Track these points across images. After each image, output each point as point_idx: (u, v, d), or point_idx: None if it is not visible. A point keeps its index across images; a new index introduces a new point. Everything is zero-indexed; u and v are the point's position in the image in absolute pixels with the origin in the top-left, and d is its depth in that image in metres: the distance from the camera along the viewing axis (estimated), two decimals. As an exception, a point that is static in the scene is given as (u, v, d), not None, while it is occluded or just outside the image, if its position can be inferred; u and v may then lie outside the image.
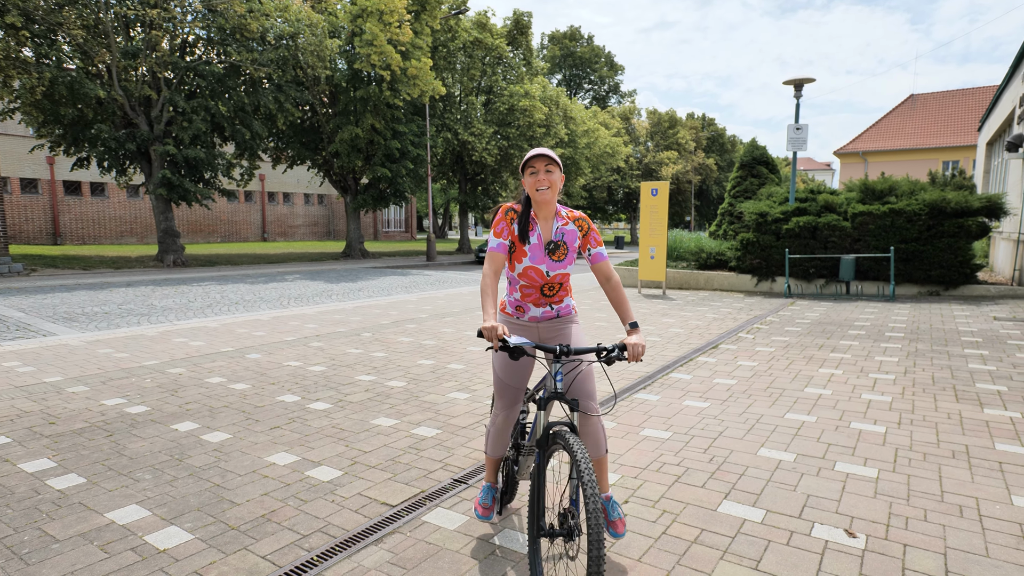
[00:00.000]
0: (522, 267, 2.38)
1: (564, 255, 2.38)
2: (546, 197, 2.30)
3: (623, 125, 46.11)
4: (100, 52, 15.47)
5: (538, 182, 2.29)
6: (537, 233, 2.38)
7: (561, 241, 2.39)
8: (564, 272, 2.42)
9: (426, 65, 20.07)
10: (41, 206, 25.93)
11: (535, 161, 2.29)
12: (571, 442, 2.01)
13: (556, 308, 2.49)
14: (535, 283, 2.40)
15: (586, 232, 2.42)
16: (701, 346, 6.69)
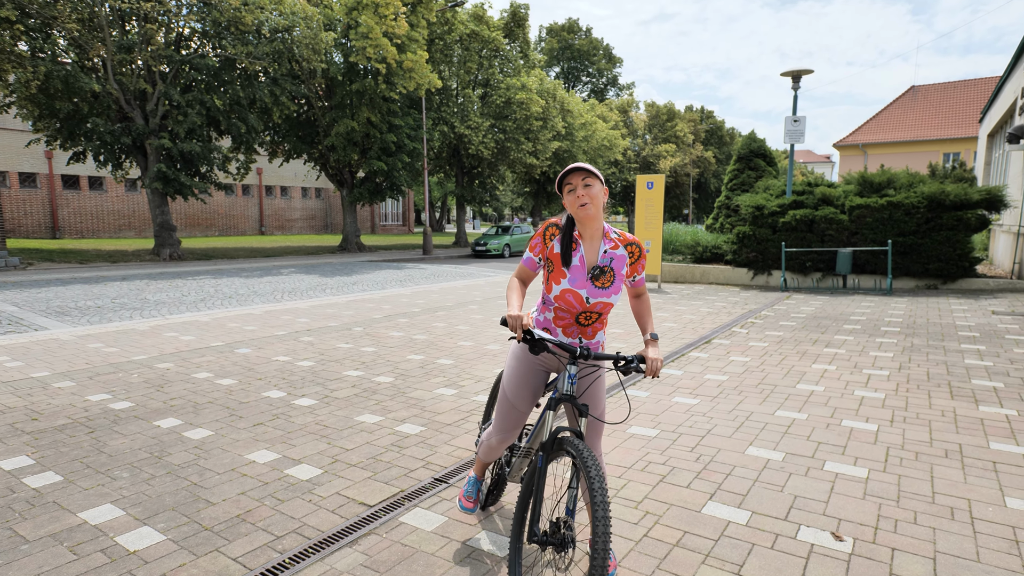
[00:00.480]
0: (560, 289, 2.16)
1: (610, 282, 2.16)
2: (589, 213, 2.11)
3: (621, 118, 45.89)
4: (95, 46, 15.32)
5: (578, 198, 2.11)
6: (580, 254, 2.18)
7: (608, 267, 2.17)
8: (607, 302, 2.17)
9: (422, 58, 19.90)
10: (40, 200, 25.82)
11: (571, 177, 2.12)
12: (582, 451, 1.96)
13: (586, 343, 2.26)
14: (572, 309, 2.18)
15: (636, 259, 2.22)
16: (693, 341, 6.62)
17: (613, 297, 2.18)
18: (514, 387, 2.31)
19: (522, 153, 26.30)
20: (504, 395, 2.34)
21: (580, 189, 2.12)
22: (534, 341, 2.07)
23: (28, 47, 15.14)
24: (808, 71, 12.31)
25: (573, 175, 2.13)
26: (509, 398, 2.32)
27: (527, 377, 2.31)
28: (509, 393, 2.32)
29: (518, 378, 2.31)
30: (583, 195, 2.12)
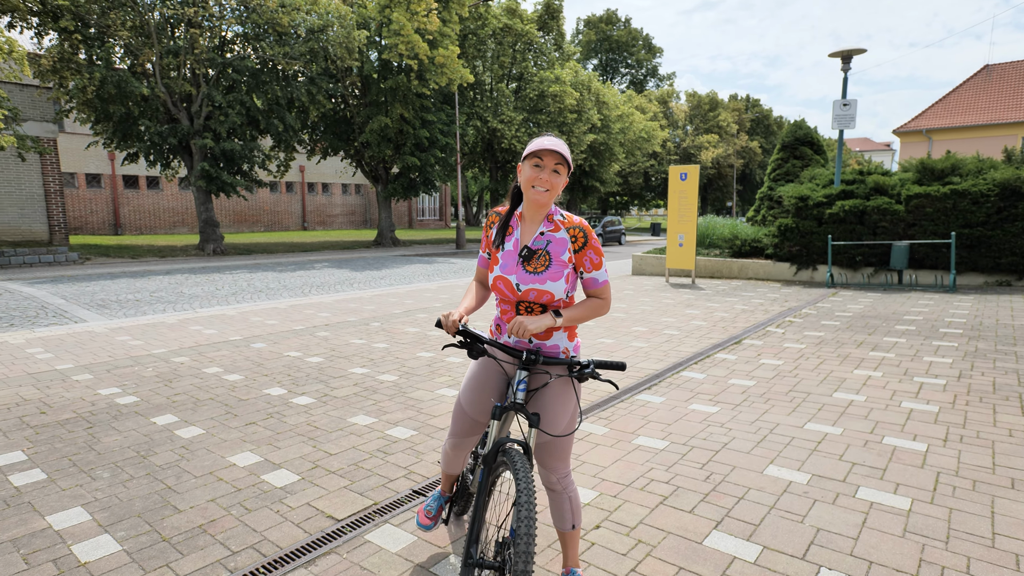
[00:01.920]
0: (492, 277, 1.97)
1: (543, 267, 1.88)
2: (542, 200, 1.88)
3: (661, 109, 44.70)
4: (145, 52, 15.83)
5: (539, 180, 1.86)
6: (515, 237, 1.96)
7: (542, 250, 1.90)
8: (542, 289, 1.88)
9: (454, 53, 19.74)
10: (104, 199, 27.14)
11: (545, 154, 1.84)
12: (517, 463, 1.77)
13: (539, 343, 1.98)
14: (508, 299, 1.97)
15: (582, 246, 1.90)
16: (722, 341, 6.17)
17: (551, 285, 1.88)
18: (467, 390, 2.08)
19: (556, 146, 25.83)
20: (458, 397, 2.11)
21: (547, 173, 1.86)
22: (470, 343, 1.84)
23: (85, 55, 15.79)
24: (860, 50, 11.47)
25: (547, 154, 1.84)
26: (461, 401, 2.09)
27: (482, 380, 2.06)
28: (462, 396, 2.10)
29: (472, 380, 2.08)
30: (546, 180, 1.87)
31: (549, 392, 1.97)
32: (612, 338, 6.42)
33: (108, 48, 15.44)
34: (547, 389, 1.97)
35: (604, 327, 7.03)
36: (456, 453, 2.16)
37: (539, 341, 1.98)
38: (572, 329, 2.02)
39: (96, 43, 15.48)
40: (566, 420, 1.97)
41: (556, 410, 1.96)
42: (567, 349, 2.01)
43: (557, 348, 2.00)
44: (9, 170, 16.25)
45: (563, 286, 1.89)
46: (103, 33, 15.57)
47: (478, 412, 2.06)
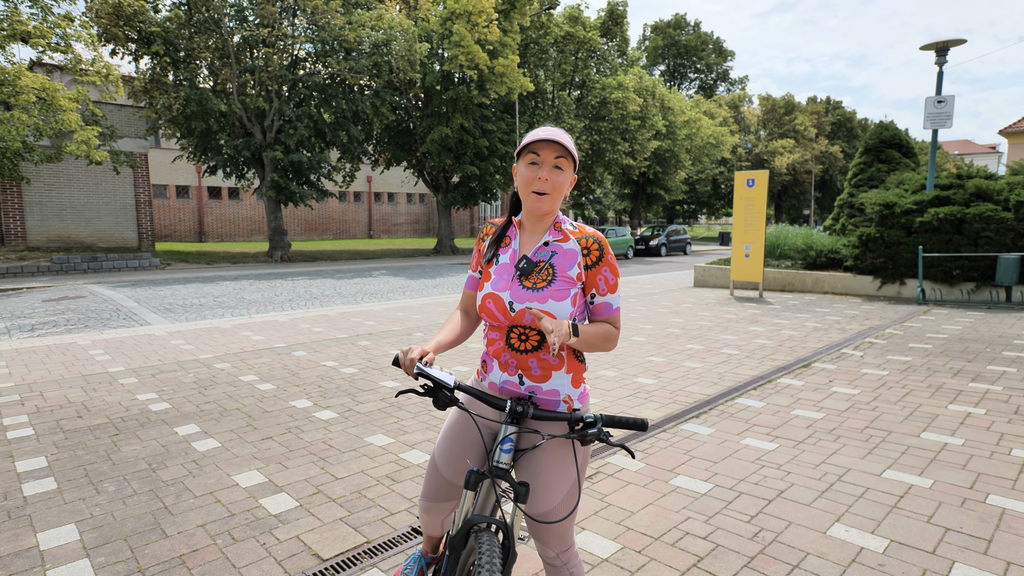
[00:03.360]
0: (482, 295, 1.59)
1: (545, 282, 1.51)
2: (543, 208, 1.52)
3: (731, 114, 42.87)
4: (224, 72, 16.81)
5: (538, 181, 1.50)
6: (512, 248, 1.60)
7: (545, 262, 1.54)
8: (543, 311, 1.50)
9: (513, 63, 19.68)
10: (191, 209, 29.18)
11: (541, 148, 1.49)
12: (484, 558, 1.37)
13: (530, 384, 1.55)
14: (498, 324, 1.57)
15: (596, 261, 1.53)
16: (788, 364, 5.53)
17: (553, 306, 1.49)
18: (442, 443, 1.70)
19: (618, 154, 25.22)
20: (433, 451, 1.73)
21: (546, 170, 1.51)
22: (432, 388, 1.46)
23: (173, 76, 16.98)
24: (958, 41, 10.30)
25: (543, 147, 1.49)
26: (436, 457, 1.70)
27: (458, 433, 1.67)
28: (436, 450, 1.71)
29: (448, 431, 1.69)
30: (546, 179, 1.51)
31: (542, 456, 1.55)
32: (662, 356, 5.91)
33: (192, 69, 16.46)
34: (540, 452, 1.56)
35: (655, 344, 6.52)
36: (431, 518, 1.73)
37: (533, 383, 1.56)
38: (578, 371, 1.61)
39: (183, 65, 16.57)
40: (561, 495, 1.55)
41: (549, 482, 1.54)
42: (569, 399, 1.58)
43: (556, 395, 1.57)
44: (106, 183, 17.63)
45: (568, 308, 1.50)
46: (189, 56, 16.65)
47: (454, 473, 1.65)
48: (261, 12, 16.50)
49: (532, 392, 1.56)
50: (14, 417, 4.17)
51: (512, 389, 1.58)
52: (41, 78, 12.52)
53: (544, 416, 1.47)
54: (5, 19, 12.48)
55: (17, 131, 12.08)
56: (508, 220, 1.68)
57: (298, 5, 17.02)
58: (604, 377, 5.18)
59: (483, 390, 1.66)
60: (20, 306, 9.77)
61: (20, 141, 12.29)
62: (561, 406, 1.58)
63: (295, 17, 17.76)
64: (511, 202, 1.70)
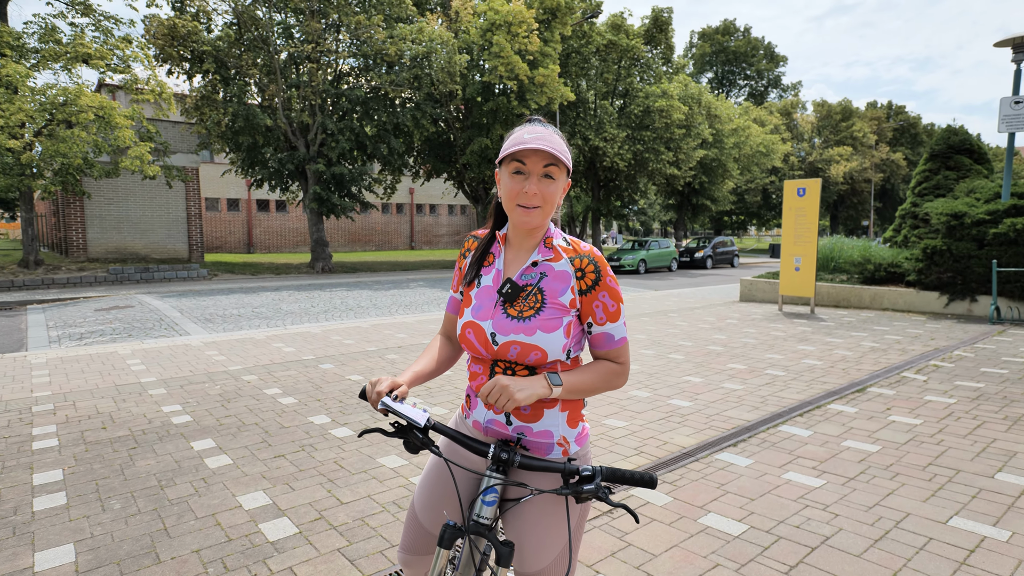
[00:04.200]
0: (462, 323, 1.38)
1: (532, 310, 1.30)
2: (531, 222, 1.31)
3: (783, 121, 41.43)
4: (271, 88, 17.43)
5: (524, 195, 1.28)
6: (496, 268, 1.39)
7: (533, 286, 1.33)
8: (531, 345, 1.28)
9: (554, 72, 19.58)
10: (240, 221, 30.40)
11: (527, 156, 1.27)
12: None
13: (518, 424, 1.35)
14: (480, 357, 1.37)
15: (591, 286, 1.31)
16: (839, 387, 5.08)
17: (542, 338, 1.27)
18: (421, 490, 1.48)
19: (662, 164, 24.66)
20: (412, 498, 1.53)
21: (533, 181, 1.28)
22: (401, 428, 1.26)
23: (222, 93, 17.72)
24: (1031, 38, 9.49)
25: (529, 155, 1.27)
26: (415, 503, 1.48)
27: (437, 479, 1.46)
28: (416, 496, 1.49)
29: (428, 475, 1.48)
30: (534, 193, 1.28)
31: (529, 512, 1.34)
32: (700, 376, 5.55)
33: (241, 86, 17.12)
34: (527, 507, 1.34)
35: (694, 362, 6.16)
36: (412, 573, 1.51)
37: (521, 423, 1.34)
38: (576, 407, 1.38)
39: (232, 82, 17.27)
40: (550, 558, 1.33)
41: (537, 542, 1.33)
42: (565, 440, 1.36)
43: (549, 437, 1.35)
44: (160, 196, 18.50)
45: (560, 340, 1.29)
46: (238, 73, 17.34)
47: (435, 523, 1.44)
48: (306, 29, 17.02)
49: (521, 434, 1.34)
50: (44, 427, 4.23)
51: (498, 429, 1.36)
52: (99, 97, 13.26)
53: (533, 465, 1.25)
54: (71, 43, 13.30)
55: (78, 148, 12.80)
56: (491, 234, 1.45)
57: (342, 21, 17.47)
58: (635, 398, 4.88)
59: (465, 430, 1.45)
60: (74, 315, 10.23)
61: (81, 158, 13.01)
62: (555, 450, 1.36)
63: (339, 33, 18.24)
64: (495, 211, 1.46)
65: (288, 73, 17.88)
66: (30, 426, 4.25)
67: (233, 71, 17.32)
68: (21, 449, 3.79)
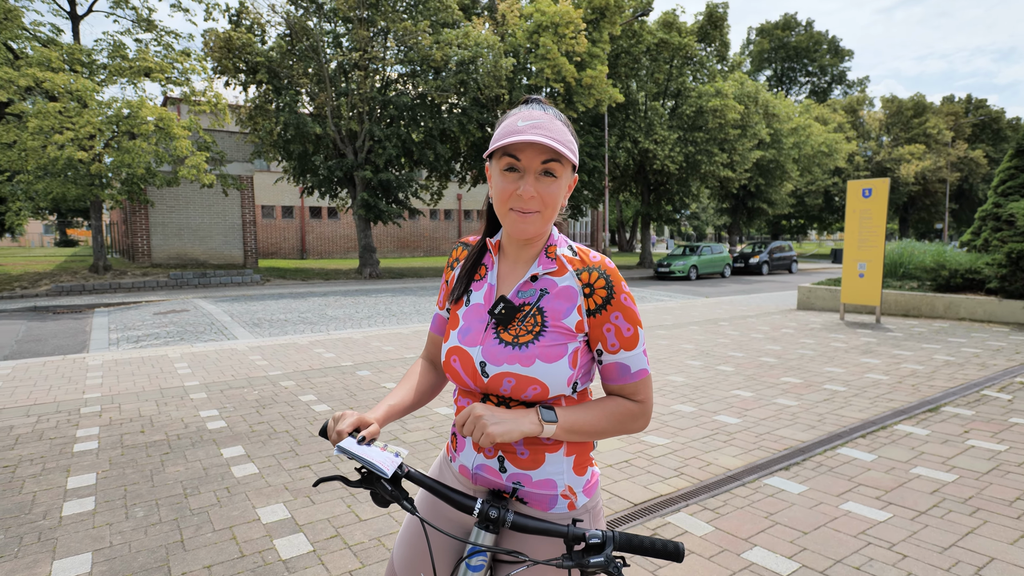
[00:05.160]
0: (447, 348, 1.17)
1: (531, 336, 1.08)
2: (529, 230, 1.09)
3: (848, 119, 39.34)
4: (320, 96, 17.96)
5: (518, 198, 1.07)
6: (488, 283, 1.18)
7: (531, 305, 1.11)
8: (528, 377, 1.07)
9: (602, 74, 19.25)
10: (294, 228, 31.51)
11: (522, 150, 1.05)
12: None
13: (514, 471, 1.13)
14: (467, 389, 1.16)
15: (602, 304, 1.09)
16: (909, 406, 4.59)
17: (541, 369, 1.06)
18: (400, 546, 1.27)
19: (715, 166, 23.82)
20: (391, 553, 1.31)
21: (530, 181, 1.06)
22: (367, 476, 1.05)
23: (274, 103, 18.39)
24: None
25: (524, 149, 1.05)
26: (394, 559, 1.28)
27: (417, 535, 1.24)
28: (395, 552, 1.29)
29: (405, 531, 1.28)
30: (531, 196, 1.06)
31: None
32: (751, 390, 5.17)
33: (292, 95, 17.69)
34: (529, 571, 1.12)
35: (744, 375, 5.76)
36: None
37: (518, 470, 1.12)
38: (584, 450, 1.15)
39: (285, 92, 17.88)
40: None
41: None
42: (570, 492, 1.13)
43: (552, 488, 1.12)
44: (217, 204, 19.35)
45: (564, 372, 1.08)
46: (290, 83, 17.93)
47: (406, 568, 1.25)
48: (355, 36, 17.40)
49: (517, 483, 1.12)
50: (87, 429, 4.35)
51: (489, 477, 1.14)
52: (159, 109, 13.98)
53: (530, 527, 1.01)
54: (136, 58, 14.09)
55: (141, 158, 13.52)
56: (483, 242, 1.23)
57: (389, 28, 17.77)
58: (678, 413, 4.57)
59: (449, 477, 1.22)
60: (134, 318, 10.74)
61: (144, 167, 13.74)
62: (559, 503, 1.12)
63: (386, 40, 18.57)
64: (486, 214, 1.23)
65: (337, 81, 18.33)
66: (76, 427, 4.38)
67: (285, 81, 17.92)
68: (63, 451, 3.89)
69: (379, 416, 1.13)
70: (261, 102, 17.79)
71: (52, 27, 15.83)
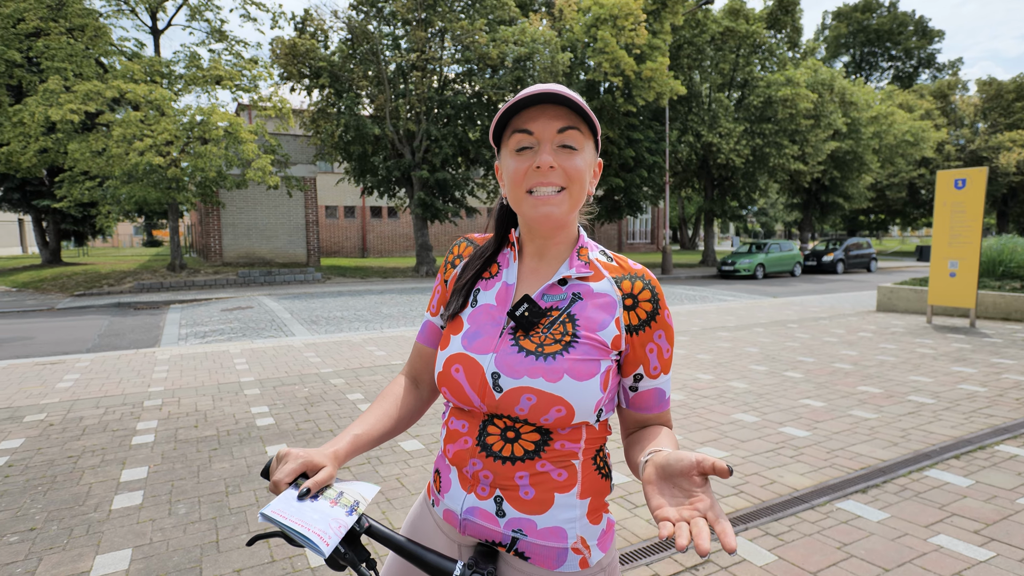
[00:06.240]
0: (445, 357, 0.97)
1: (560, 346, 0.90)
2: (555, 212, 0.91)
3: (937, 105, 36.31)
4: (379, 98, 18.35)
5: (536, 172, 0.90)
6: (503, 281, 0.99)
7: (561, 311, 0.93)
8: (553, 396, 0.88)
9: (662, 65, 18.60)
10: (356, 227, 32.54)
11: (533, 117, 0.90)
12: None
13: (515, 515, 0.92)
14: (471, 409, 0.95)
15: (645, 321, 0.93)
16: (1013, 423, 4.03)
17: (569, 387, 0.87)
18: None
19: (785, 159, 22.52)
20: None
21: (547, 151, 0.89)
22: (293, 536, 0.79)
23: (336, 106, 18.95)
24: None
25: (536, 115, 0.89)
26: None
27: None
28: None
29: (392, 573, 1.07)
30: (549, 166, 0.88)
31: None
32: (822, 399, 4.72)
33: (352, 98, 18.14)
34: None
35: (814, 382, 5.29)
36: None
37: (520, 514, 0.91)
38: (599, 492, 0.96)
39: (346, 95, 18.39)
40: None
41: None
42: (583, 545, 0.93)
43: (561, 539, 0.91)
44: (282, 205, 20.16)
45: (595, 393, 0.89)
46: (351, 85, 18.40)
47: None
48: (413, 38, 17.62)
49: (517, 532, 0.91)
50: (147, 422, 4.50)
51: (482, 524, 0.93)
52: (228, 114, 14.68)
53: None
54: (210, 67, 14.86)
55: (213, 162, 14.25)
56: (497, 242, 1.05)
57: (447, 28, 17.88)
58: (739, 423, 4.22)
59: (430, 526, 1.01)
60: (203, 315, 11.29)
61: (215, 171, 14.48)
62: (568, 558, 0.91)
63: (443, 40, 18.71)
64: (497, 217, 1.05)
65: (396, 83, 18.65)
66: (137, 420, 4.54)
67: (346, 84, 18.40)
68: (122, 443, 4.03)
69: (339, 451, 0.92)
70: (323, 105, 18.36)
71: (136, 42, 16.99)
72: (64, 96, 13.57)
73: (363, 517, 0.85)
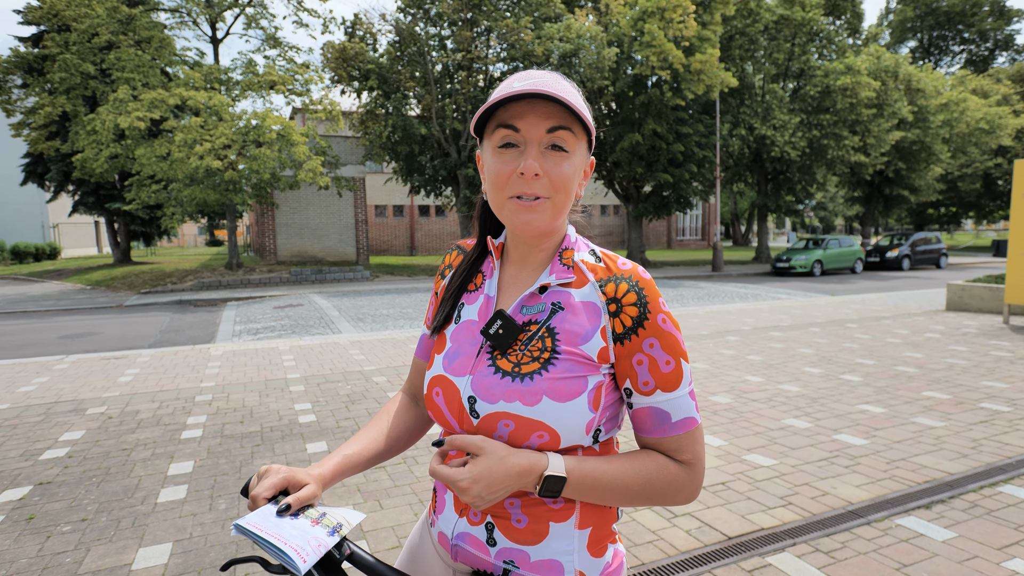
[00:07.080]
0: (429, 378, 0.91)
1: (538, 364, 0.82)
2: (535, 222, 0.83)
3: (1016, 89, 33.71)
4: (426, 98, 18.60)
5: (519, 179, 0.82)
6: (484, 293, 0.93)
7: (539, 324, 0.85)
8: (531, 420, 0.80)
9: (712, 57, 18.02)
10: (404, 226, 33.20)
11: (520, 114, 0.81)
12: None
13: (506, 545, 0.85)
14: (454, 432, 0.88)
15: (631, 328, 0.82)
16: (1104, 438, 3.65)
17: (549, 408, 0.79)
18: None
19: (844, 150, 21.40)
20: None
21: (533, 154, 0.81)
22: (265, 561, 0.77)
23: (383, 107, 19.32)
24: None
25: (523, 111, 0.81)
26: None
27: None
28: None
29: None
30: (534, 173, 0.80)
31: None
32: (882, 405, 4.42)
33: (399, 99, 18.46)
34: None
35: (874, 386, 4.96)
36: None
37: (512, 544, 0.85)
38: (604, 521, 0.88)
39: (393, 96, 18.72)
40: None
41: None
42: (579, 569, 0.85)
43: (555, 573, 0.85)
44: (333, 205, 20.73)
45: (583, 414, 0.81)
46: (398, 87, 18.73)
47: None
48: (459, 38, 17.75)
49: (509, 563, 0.85)
50: (197, 417, 4.68)
51: (472, 552, 0.88)
52: (280, 118, 15.20)
53: None
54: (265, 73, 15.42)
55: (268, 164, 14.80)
56: (481, 243, 0.97)
57: (492, 27, 17.91)
58: (790, 428, 4.00)
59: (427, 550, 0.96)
60: (256, 312, 11.72)
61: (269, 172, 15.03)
62: None
63: (489, 39, 18.75)
64: (479, 216, 0.98)
65: (442, 83, 18.83)
66: (188, 415, 4.73)
67: (394, 85, 18.72)
68: (172, 437, 4.19)
69: (325, 472, 0.87)
70: (372, 107, 18.74)
71: (197, 51, 17.83)
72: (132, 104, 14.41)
73: (345, 542, 0.80)
